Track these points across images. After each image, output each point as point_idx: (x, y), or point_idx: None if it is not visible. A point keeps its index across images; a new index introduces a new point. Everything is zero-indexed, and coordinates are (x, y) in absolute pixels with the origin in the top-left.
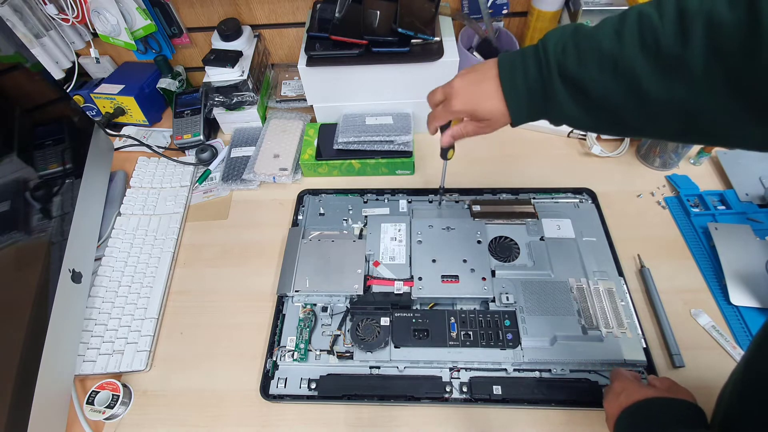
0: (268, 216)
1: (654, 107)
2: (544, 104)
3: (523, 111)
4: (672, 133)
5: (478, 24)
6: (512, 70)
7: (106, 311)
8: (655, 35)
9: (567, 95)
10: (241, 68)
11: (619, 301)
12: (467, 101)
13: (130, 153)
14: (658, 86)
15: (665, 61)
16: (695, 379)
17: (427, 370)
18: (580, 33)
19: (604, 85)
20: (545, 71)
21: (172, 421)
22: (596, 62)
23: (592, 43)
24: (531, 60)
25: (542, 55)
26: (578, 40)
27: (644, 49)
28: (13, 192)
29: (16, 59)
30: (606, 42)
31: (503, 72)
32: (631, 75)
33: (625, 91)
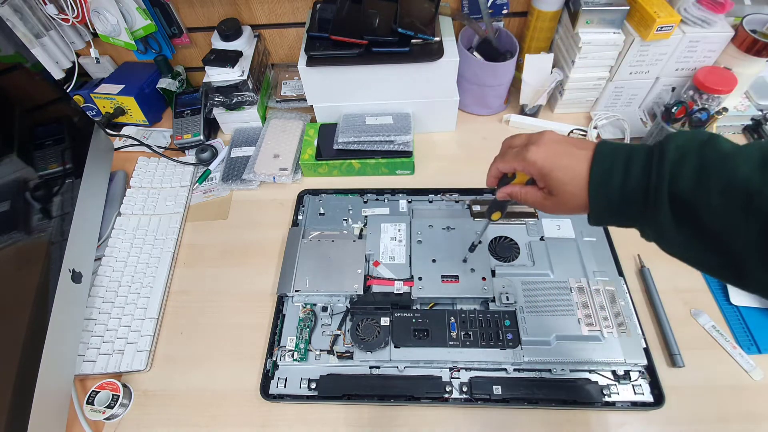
0: (268, 216)
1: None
2: (638, 215)
3: (605, 213)
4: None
5: (478, 24)
6: (612, 157)
7: (106, 311)
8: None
9: (670, 215)
10: (241, 68)
11: (619, 301)
12: (548, 156)
13: (130, 153)
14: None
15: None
16: (695, 379)
17: (427, 370)
18: (709, 146)
19: (725, 219)
20: (654, 179)
21: (172, 421)
22: (721, 189)
23: (725, 164)
24: (638, 160)
25: (656, 159)
26: (705, 154)
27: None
28: (13, 192)
29: (16, 59)
30: (745, 169)
31: (598, 160)
32: (764, 217)
33: (752, 232)
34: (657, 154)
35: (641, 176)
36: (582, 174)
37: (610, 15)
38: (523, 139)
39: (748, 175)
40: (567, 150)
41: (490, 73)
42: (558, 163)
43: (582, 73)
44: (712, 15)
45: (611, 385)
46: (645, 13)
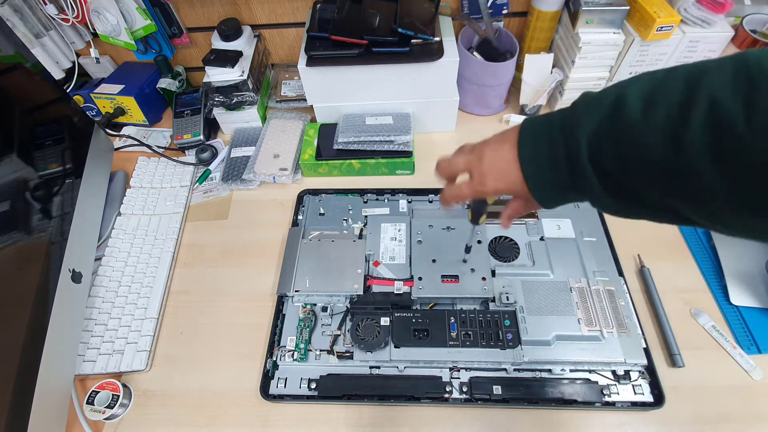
0: (268, 216)
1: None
2: (573, 193)
3: (552, 198)
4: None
5: (478, 24)
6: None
7: (106, 311)
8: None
9: (601, 189)
10: (241, 68)
11: (619, 301)
12: (497, 184)
13: (130, 153)
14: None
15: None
16: (695, 379)
17: (427, 370)
18: (618, 123)
19: (649, 189)
20: (576, 165)
21: (172, 421)
22: (643, 172)
23: (637, 144)
24: (557, 142)
25: (574, 149)
26: (619, 137)
27: (718, 161)
28: (13, 192)
29: (16, 59)
30: (658, 150)
31: (524, 159)
32: (691, 185)
33: (681, 196)
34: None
35: (565, 165)
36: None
37: (610, 15)
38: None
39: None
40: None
41: (490, 73)
42: (506, 185)
43: (582, 73)
44: (712, 15)
45: (611, 385)
46: (645, 13)
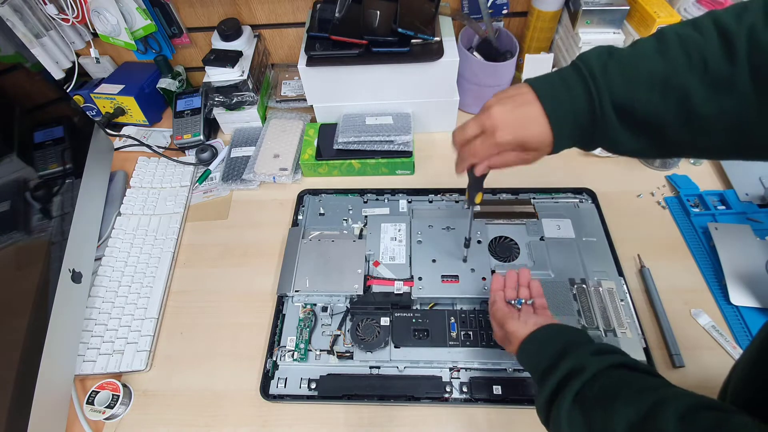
0: (268, 216)
1: (705, 123)
2: (591, 128)
3: (567, 136)
4: (720, 149)
5: (478, 24)
6: (554, 92)
7: (106, 311)
8: (702, 54)
9: (615, 117)
10: (241, 68)
11: (619, 301)
12: (515, 130)
13: (130, 153)
14: (709, 103)
15: (715, 79)
16: (695, 379)
17: (427, 370)
18: (616, 54)
19: (652, 104)
20: (594, 92)
21: (171, 421)
22: (643, 82)
23: (636, 62)
24: (575, 82)
25: (588, 76)
26: (618, 62)
27: (692, 67)
28: (13, 192)
29: (16, 59)
30: (650, 62)
31: (544, 95)
32: (681, 93)
33: (675, 109)
34: (587, 72)
35: (584, 95)
36: (541, 116)
37: (610, 15)
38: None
39: (654, 64)
40: (519, 107)
41: (490, 73)
42: (525, 126)
43: None
44: None
45: None
46: (645, 13)
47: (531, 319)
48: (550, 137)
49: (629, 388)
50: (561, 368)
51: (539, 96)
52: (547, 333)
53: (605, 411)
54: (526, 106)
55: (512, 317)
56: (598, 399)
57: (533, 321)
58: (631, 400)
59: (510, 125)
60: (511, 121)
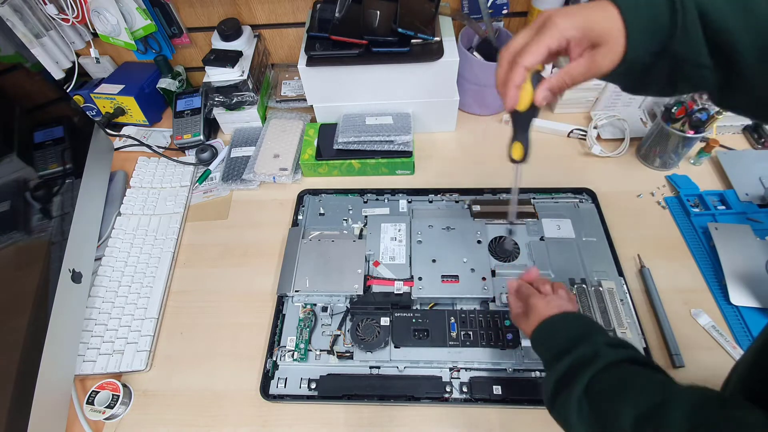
0: (268, 216)
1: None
2: (669, 34)
3: (643, 38)
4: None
5: (478, 24)
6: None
7: (106, 311)
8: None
9: (698, 24)
10: (241, 68)
11: (619, 301)
12: (576, 14)
13: (130, 153)
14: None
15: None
16: (695, 379)
17: (427, 370)
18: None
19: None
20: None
21: (172, 421)
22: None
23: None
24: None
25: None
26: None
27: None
28: (13, 192)
29: (16, 59)
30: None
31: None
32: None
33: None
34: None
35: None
36: (615, 18)
37: None
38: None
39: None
40: (582, 7)
41: (490, 73)
42: (589, 12)
43: None
44: None
45: None
46: None
47: (555, 301)
48: (621, 31)
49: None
50: (574, 353)
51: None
52: (567, 318)
53: (613, 404)
54: (594, 5)
55: (537, 295)
56: (607, 392)
57: (557, 303)
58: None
59: (571, 11)
60: (572, 9)
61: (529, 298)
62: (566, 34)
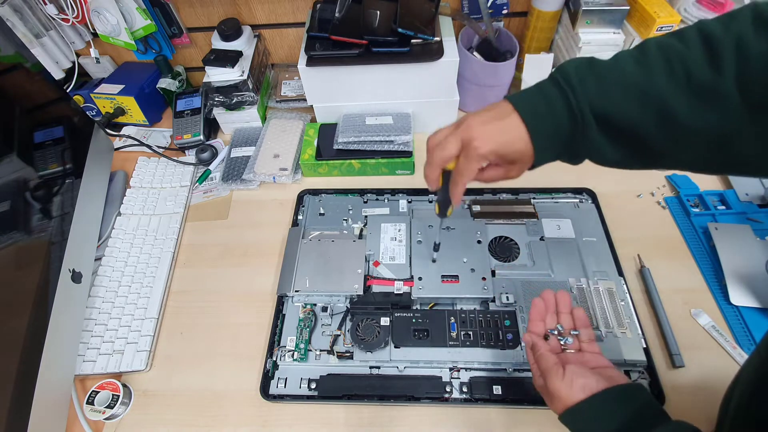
0: (268, 216)
1: (686, 135)
2: (572, 137)
3: (549, 147)
4: (704, 163)
5: (478, 24)
6: (533, 105)
7: (106, 311)
8: (685, 63)
9: (596, 126)
10: (241, 68)
11: (619, 301)
12: (493, 140)
13: (130, 153)
14: (692, 114)
15: (698, 89)
16: (695, 379)
17: (427, 370)
18: (596, 65)
19: (631, 114)
20: (573, 102)
21: (172, 421)
22: (621, 92)
23: (614, 74)
24: (554, 94)
25: (566, 87)
26: (598, 72)
27: (673, 77)
28: (13, 192)
29: (16, 59)
30: (629, 72)
31: (523, 108)
32: (661, 104)
33: (654, 119)
34: (564, 83)
35: (563, 106)
36: (521, 127)
37: (610, 15)
38: (454, 141)
39: (633, 75)
40: (498, 119)
41: (490, 73)
42: (505, 137)
43: None
44: (712, 15)
45: None
46: (645, 13)
47: (578, 381)
48: (530, 149)
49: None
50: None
51: (518, 110)
52: (597, 407)
53: None
54: (504, 118)
55: (556, 375)
56: None
57: (580, 384)
58: None
59: (488, 135)
60: (489, 131)
61: (548, 378)
62: (487, 159)
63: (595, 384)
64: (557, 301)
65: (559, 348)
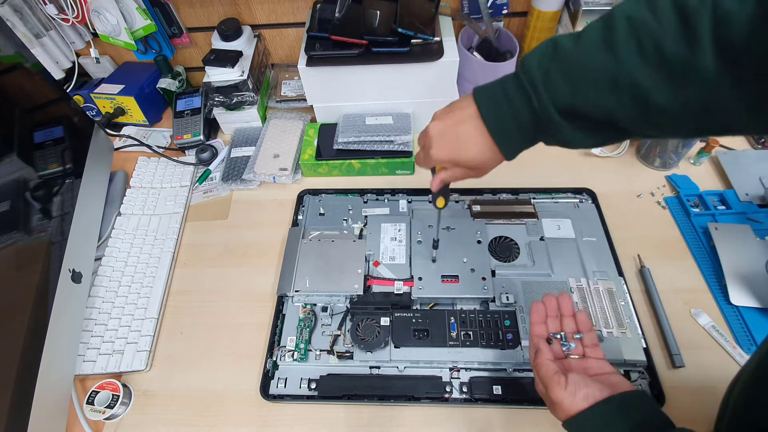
0: (268, 216)
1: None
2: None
3: (516, 145)
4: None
5: (478, 24)
6: (496, 107)
7: (106, 311)
8: (656, 41)
9: (565, 123)
10: (241, 68)
11: (619, 301)
12: (446, 150)
13: (130, 153)
14: (668, 95)
15: (673, 67)
16: (695, 379)
17: (427, 370)
18: (560, 52)
19: (604, 105)
20: (536, 104)
21: (172, 421)
22: (590, 84)
23: (581, 63)
24: (515, 93)
25: (528, 87)
26: (562, 63)
27: (645, 58)
28: (13, 192)
29: (16, 59)
30: (597, 58)
31: (485, 110)
32: (635, 89)
33: (630, 106)
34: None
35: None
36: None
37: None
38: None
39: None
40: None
41: (490, 73)
42: (457, 146)
43: None
44: None
45: None
46: None
47: (581, 390)
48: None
49: None
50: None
51: (481, 111)
52: (599, 416)
53: None
54: (464, 123)
55: (558, 384)
56: None
57: (583, 394)
58: None
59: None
60: (444, 140)
61: (548, 388)
62: (441, 163)
63: (599, 393)
64: (559, 304)
65: (562, 353)
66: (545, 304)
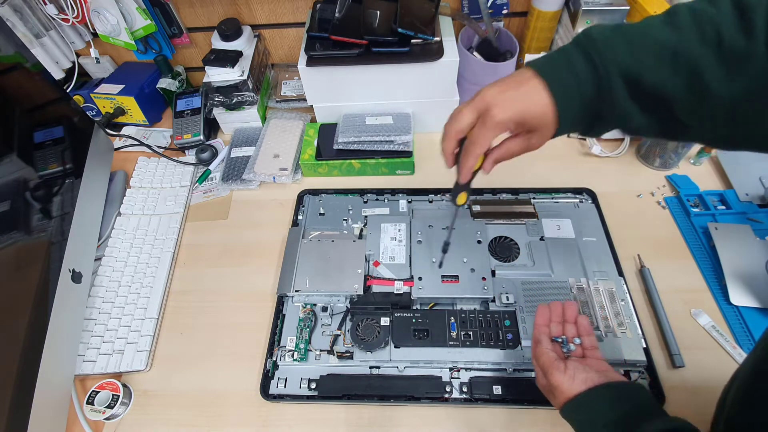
0: (268, 216)
1: (717, 106)
2: (597, 100)
3: (573, 111)
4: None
5: (478, 24)
6: (555, 68)
7: (106, 311)
8: (717, 27)
9: (623, 87)
10: (241, 68)
11: (619, 301)
12: (512, 107)
13: (130, 153)
14: (722, 79)
15: (729, 55)
16: (695, 379)
17: (427, 370)
18: (623, 27)
19: (661, 75)
20: (599, 63)
21: (172, 421)
22: (652, 52)
23: (643, 36)
24: (577, 56)
25: (591, 47)
26: (625, 33)
27: (704, 40)
28: (13, 192)
29: (16, 59)
30: (660, 33)
31: (545, 72)
32: (693, 67)
33: (685, 83)
34: (589, 44)
35: (587, 66)
36: (542, 90)
37: (610, 15)
38: (470, 112)
39: (664, 35)
40: (516, 87)
41: (490, 73)
42: (524, 101)
43: None
44: None
45: None
46: (645, 13)
47: (580, 375)
48: (553, 114)
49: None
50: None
51: (540, 73)
52: (597, 398)
53: None
54: (524, 84)
55: (558, 369)
56: None
57: (582, 377)
58: None
59: (507, 101)
60: (508, 97)
61: (549, 374)
62: (505, 127)
63: (597, 378)
64: (564, 310)
65: (562, 355)
66: (551, 310)
